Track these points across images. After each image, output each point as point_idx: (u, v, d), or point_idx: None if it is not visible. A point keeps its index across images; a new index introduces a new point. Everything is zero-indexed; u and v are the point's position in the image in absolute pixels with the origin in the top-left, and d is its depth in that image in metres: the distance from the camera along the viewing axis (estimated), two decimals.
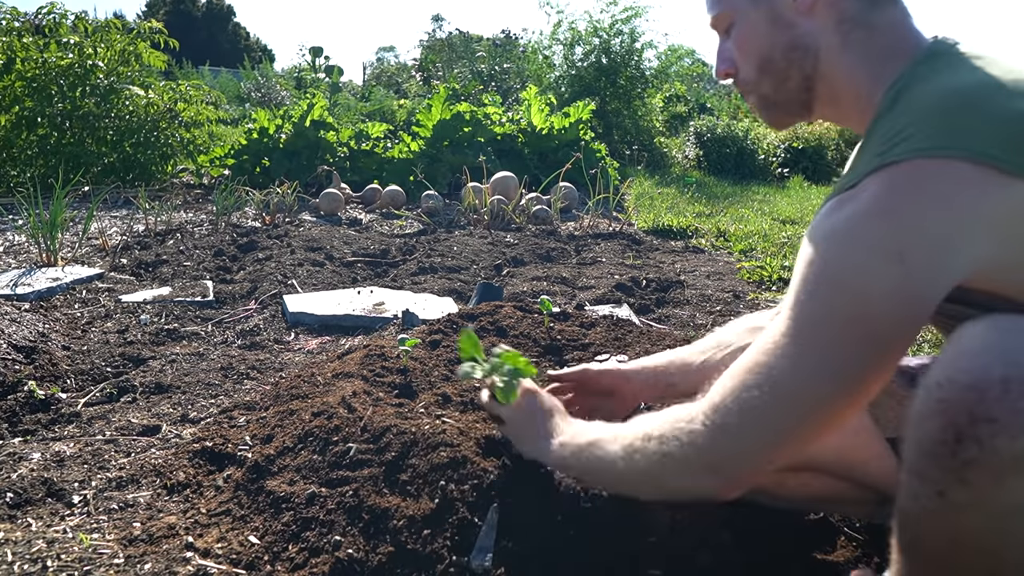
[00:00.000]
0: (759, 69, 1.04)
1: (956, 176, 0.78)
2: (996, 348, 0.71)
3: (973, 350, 0.73)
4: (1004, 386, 0.68)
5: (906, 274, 0.79)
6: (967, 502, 0.71)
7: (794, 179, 10.49)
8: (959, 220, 0.78)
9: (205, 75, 18.26)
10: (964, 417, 0.69)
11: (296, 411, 1.57)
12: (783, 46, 1.01)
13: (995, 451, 0.68)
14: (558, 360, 1.93)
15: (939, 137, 0.80)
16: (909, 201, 0.79)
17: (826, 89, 1.02)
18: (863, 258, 0.81)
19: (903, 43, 0.96)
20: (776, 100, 1.06)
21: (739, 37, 1.04)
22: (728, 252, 4.46)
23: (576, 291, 3.22)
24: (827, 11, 0.98)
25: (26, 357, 2.17)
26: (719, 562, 1.10)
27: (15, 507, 1.40)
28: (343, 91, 14.78)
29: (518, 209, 5.17)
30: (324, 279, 3.37)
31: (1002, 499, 0.69)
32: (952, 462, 0.70)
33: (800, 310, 0.85)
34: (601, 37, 11.10)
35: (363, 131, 7.57)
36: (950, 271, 0.79)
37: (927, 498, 0.73)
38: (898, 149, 0.82)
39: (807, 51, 1.00)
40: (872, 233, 0.81)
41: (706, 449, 0.88)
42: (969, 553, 0.74)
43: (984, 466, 0.69)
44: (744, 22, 1.03)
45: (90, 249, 4.05)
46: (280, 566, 1.18)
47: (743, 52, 1.05)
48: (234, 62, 25.07)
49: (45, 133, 6.15)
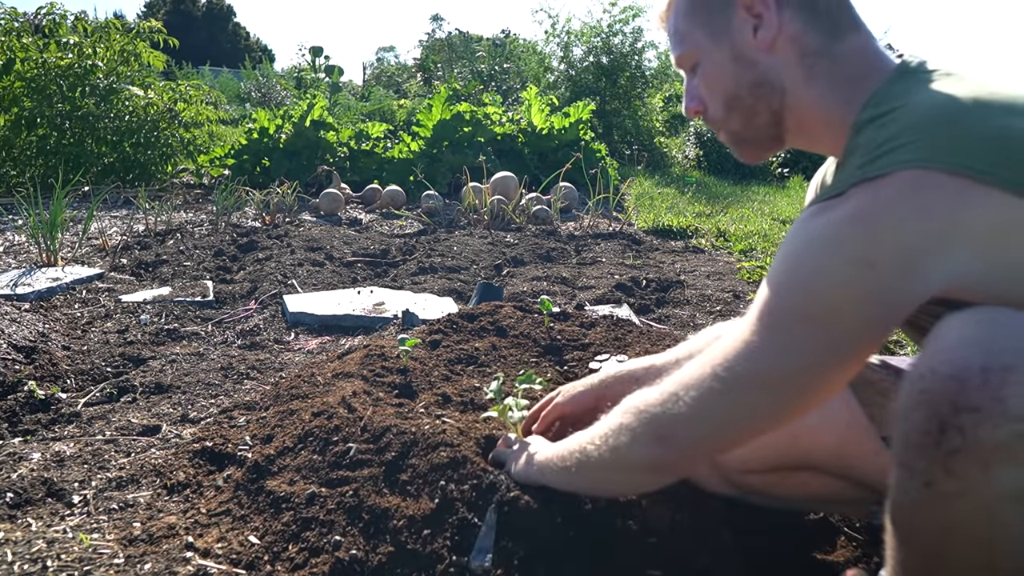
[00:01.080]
0: (726, 107, 1.05)
1: (937, 187, 0.78)
2: (975, 339, 0.72)
3: (953, 342, 0.74)
4: (984, 375, 0.69)
5: (876, 281, 0.80)
6: (955, 492, 0.71)
7: (794, 179, 10.50)
8: (938, 231, 0.78)
9: (205, 75, 18.27)
10: (947, 407, 0.71)
11: (296, 411, 1.57)
12: (748, 83, 1.01)
13: (978, 440, 0.69)
14: (558, 360, 1.93)
15: (920, 150, 0.80)
16: (888, 211, 0.80)
17: (795, 120, 1.02)
18: (834, 264, 0.82)
19: (870, 66, 0.97)
20: (746, 136, 1.06)
21: (704, 76, 1.05)
22: (728, 252, 4.46)
23: (576, 291, 3.22)
24: (788, 47, 0.98)
25: (26, 357, 2.17)
26: (719, 562, 1.10)
27: (15, 507, 1.40)
28: (343, 91, 14.77)
29: (518, 209, 5.17)
30: (324, 279, 3.37)
31: (989, 488, 0.70)
32: (937, 452, 0.71)
33: (767, 308, 0.87)
34: (601, 37, 11.10)
35: (363, 131, 7.57)
36: (925, 282, 0.80)
37: (916, 490, 0.74)
38: (880, 162, 0.82)
39: (772, 87, 1.00)
40: (846, 240, 0.82)
41: (658, 419, 0.93)
42: (961, 544, 0.75)
43: (969, 455, 0.69)
44: (708, 61, 1.04)
45: (90, 249, 4.05)
46: (280, 566, 1.18)
47: (710, 90, 1.05)
48: (234, 62, 25.10)
49: (45, 133, 6.15)
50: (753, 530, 1.23)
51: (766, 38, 0.98)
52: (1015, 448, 0.68)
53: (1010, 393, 0.68)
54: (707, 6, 1.03)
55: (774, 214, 6.30)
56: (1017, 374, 0.69)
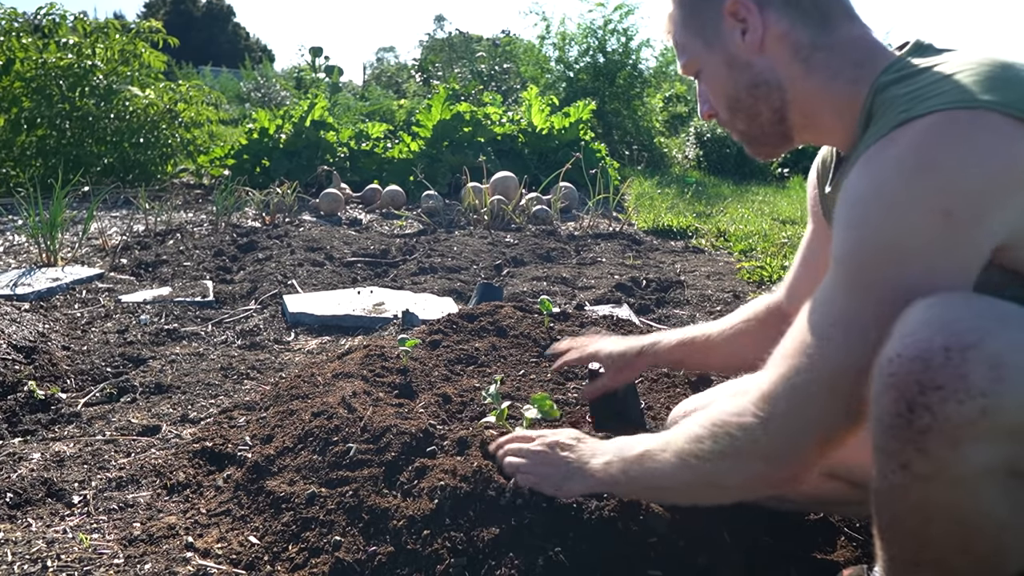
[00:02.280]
0: (729, 109, 1.07)
1: (991, 127, 0.78)
2: (936, 321, 0.73)
3: (916, 325, 0.74)
4: (946, 354, 0.71)
5: (953, 233, 0.79)
6: (929, 472, 0.73)
7: (794, 179, 10.49)
8: (997, 174, 0.78)
9: (205, 75, 18.27)
10: (914, 387, 0.72)
11: (296, 411, 1.57)
12: (745, 85, 1.03)
13: (946, 417, 0.70)
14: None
15: (969, 92, 0.80)
16: (949, 154, 0.79)
17: (801, 114, 1.03)
18: (911, 219, 0.80)
19: (873, 50, 0.97)
20: (753, 135, 1.08)
21: (708, 81, 1.08)
22: (728, 252, 4.46)
23: (576, 291, 3.22)
24: (778, 45, 1.00)
25: (26, 357, 2.17)
26: (719, 562, 1.10)
27: (15, 507, 1.40)
28: (343, 91, 14.78)
29: (518, 209, 5.17)
30: (324, 279, 3.37)
31: (962, 466, 0.71)
32: (909, 432, 0.72)
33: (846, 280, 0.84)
34: (597, 36, 11.09)
35: (363, 131, 7.57)
36: (992, 231, 0.79)
37: (892, 472, 0.75)
38: (928, 103, 0.82)
39: (770, 86, 1.02)
40: (916, 190, 0.80)
41: (761, 441, 0.89)
42: (941, 525, 0.76)
43: (939, 433, 0.71)
44: (707, 68, 1.07)
45: (90, 249, 4.05)
46: (280, 566, 1.18)
47: (713, 95, 1.08)
48: (234, 62, 25.08)
49: (45, 133, 6.15)
50: (753, 530, 1.23)
51: (754, 40, 1.00)
52: (981, 424, 0.69)
53: (971, 370, 0.69)
54: (699, 16, 1.05)
55: (774, 214, 6.30)
56: (977, 351, 0.70)
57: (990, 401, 0.68)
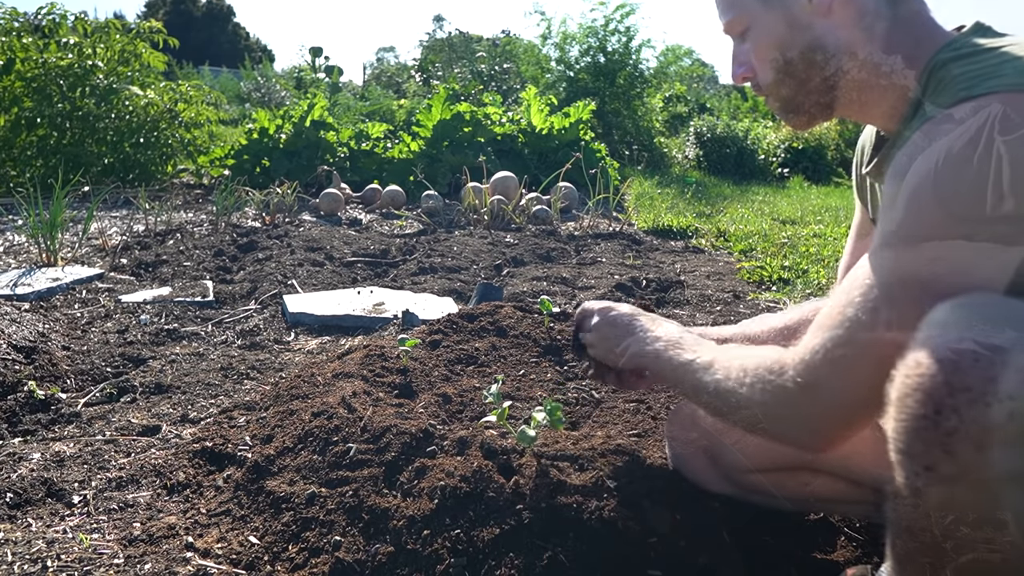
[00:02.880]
0: (778, 72, 1.03)
1: None
2: (964, 322, 0.73)
3: (944, 326, 0.74)
4: (975, 356, 0.70)
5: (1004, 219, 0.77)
6: (954, 475, 0.72)
7: (794, 179, 10.50)
8: None
9: (205, 75, 18.27)
10: (942, 389, 0.71)
11: (296, 411, 1.57)
12: (801, 48, 0.99)
13: (973, 420, 0.69)
14: (558, 360, 1.93)
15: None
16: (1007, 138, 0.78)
17: (851, 85, 1.00)
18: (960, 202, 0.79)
19: (931, 30, 0.96)
20: (797, 102, 1.04)
21: (755, 41, 1.03)
22: (728, 252, 4.46)
23: (576, 291, 3.22)
24: (844, 10, 0.97)
25: (26, 357, 2.17)
26: (719, 562, 1.10)
27: (15, 507, 1.40)
28: (343, 91, 14.77)
29: (518, 209, 5.17)
30: (324, 279, 3.37)
31: (988, 469, 0.70)
32: (935, 434, 0.71)
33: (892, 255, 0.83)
34: (598, 35, 11.09)
35: (363, 131, 7.57)
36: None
37: (916, 475, 0.74)
38: (990, 83, 0.81)
39: (826, 51, 0.99)
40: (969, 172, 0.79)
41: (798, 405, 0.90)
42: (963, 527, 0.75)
43: (965, 435, 0.70)
44: (759, 26, 1.02)
45: (90, 249, 4.05)
46: (280, 566, 1.18)
47: (760, 56, 1.03)
48: (234, 62, 25.08)
49: (45, 133, 6.15)
50: (753, 530, 1.23)
51: (824, 2, 0.97)
52: (1008, 428, 0.68)
53: (1000, 373, 0.69)
54: None
55: (774, 214, 6.30)
56: (1006, 355, 0.69)
57: (1018, 405, 0.67)
